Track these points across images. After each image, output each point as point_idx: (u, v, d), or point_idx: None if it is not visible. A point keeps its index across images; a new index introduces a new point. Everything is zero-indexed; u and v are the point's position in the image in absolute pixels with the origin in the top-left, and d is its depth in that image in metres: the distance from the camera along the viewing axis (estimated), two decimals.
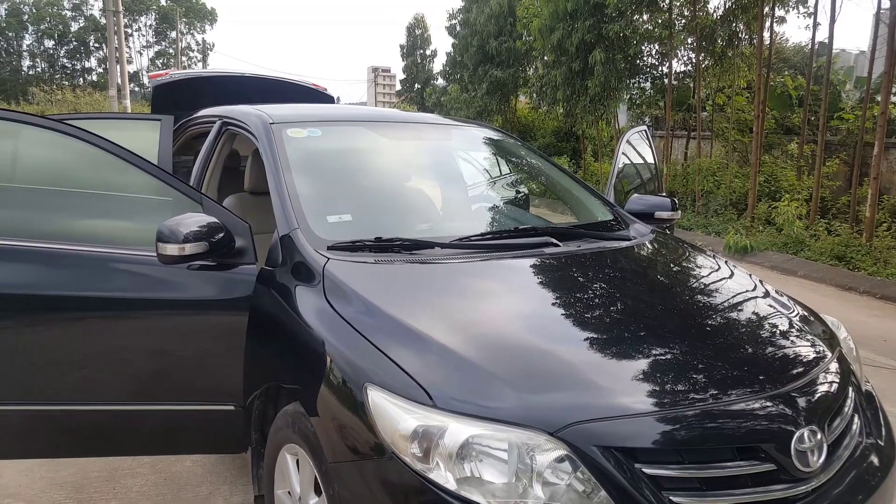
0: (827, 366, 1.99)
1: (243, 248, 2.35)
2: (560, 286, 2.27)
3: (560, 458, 1.53)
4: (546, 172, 3.47)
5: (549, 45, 14.81)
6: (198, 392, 2.38)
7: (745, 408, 1.69)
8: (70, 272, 2.31)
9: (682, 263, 2.73)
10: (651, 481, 1.54)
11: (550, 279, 2.32)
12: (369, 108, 4.74)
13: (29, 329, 2.34)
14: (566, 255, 2.46)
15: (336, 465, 1.77)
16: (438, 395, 1.61)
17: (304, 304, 2.09)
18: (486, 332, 1.88)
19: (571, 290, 2.25)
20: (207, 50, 65.94)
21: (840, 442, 1.85)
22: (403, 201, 2.86)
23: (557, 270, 2.37)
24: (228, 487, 2.83)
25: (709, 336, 2.02)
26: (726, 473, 1.60)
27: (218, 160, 3.21)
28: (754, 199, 11.01)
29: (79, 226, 2.52)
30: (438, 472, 1.55)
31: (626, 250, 2.65)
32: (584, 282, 2.33)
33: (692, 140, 14.31)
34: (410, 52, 52.89)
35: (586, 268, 2.43)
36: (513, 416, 1.57)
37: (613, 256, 2.56)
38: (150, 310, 2.36)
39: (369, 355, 1.79)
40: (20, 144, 2.62)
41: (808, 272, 8.19)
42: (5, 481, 2.84)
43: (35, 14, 58.67)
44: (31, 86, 41.18)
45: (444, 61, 28.26)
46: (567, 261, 2.43)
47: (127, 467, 2.97)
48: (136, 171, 2.40)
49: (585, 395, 1.65)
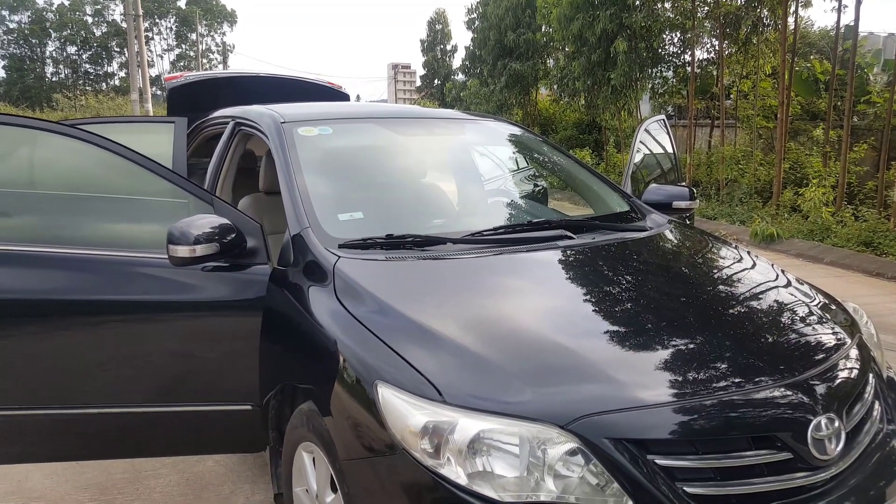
0: (846, 353, 1.94)
1: (255, 248, 2.35)
2: (572, 279, 2.24)
3: (572, 451, 1.51)
4: (562, 165, 3.43)
5: (569, 35, 14.69)
6: (216, 393, 2.39)
7: (760, 397, 1.66)
8: (91, 277, 2.33)
9: (700, 253, 2.68)
10: (664, 472, 1.52)
11: (562, 272, 2.29)
12: (381, 105, 4.72)
13: (54, 334, 2.36)
14: (580, 247, 2.43)
15: (349, 463, 1.76)
16: (448, 390, 1.60)
17: (316, 303, 2.08)
18: (497, 328, 1.87)
19: (583, 283, 2.22)
20: (228, 51, 66.61)
21: (860, 429, 1.81)
22: (415, 197, 2.84)
23: (570, 263, 2.34)
24: (250, 486, 2.85)
25: (724, 325, 1.99)
26: (741, 463, 1.57)
27: (232, 161, 3.22)
28: (779, 186, 10.82)
29: (97, 230, 2.54)
30: (450, 468, 1.54)
31: (641, 241, 2.61)
32: (597, 274, 2.30)
33: (717, 129, 14.10)
34: (431, 47, 52.92)
35: (599, 260, 2.39)
36: (523, 410, 1.55)
37: (628, 248, 2.52)
38: (168, 312, 2.37)
39: (380, 353, 1.78)
40: (37, 151, 2.65)
41: (834, 259, 8.04)
42: (31, 484, 2.89)
43: (58, 20, 59.64)
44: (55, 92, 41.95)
45: (464, 56, 28.19)
46: (580, 253, 2.40)
47: (150, 468, 3.00)
48: (150, 175, 2.41)
49: (596, 387, 1.62)
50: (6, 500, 2.77)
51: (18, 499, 2.78)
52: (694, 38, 12.92)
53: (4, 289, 2.25)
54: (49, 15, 59.77)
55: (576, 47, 14.84)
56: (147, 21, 60.17)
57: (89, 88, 51.86)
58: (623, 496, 1.50)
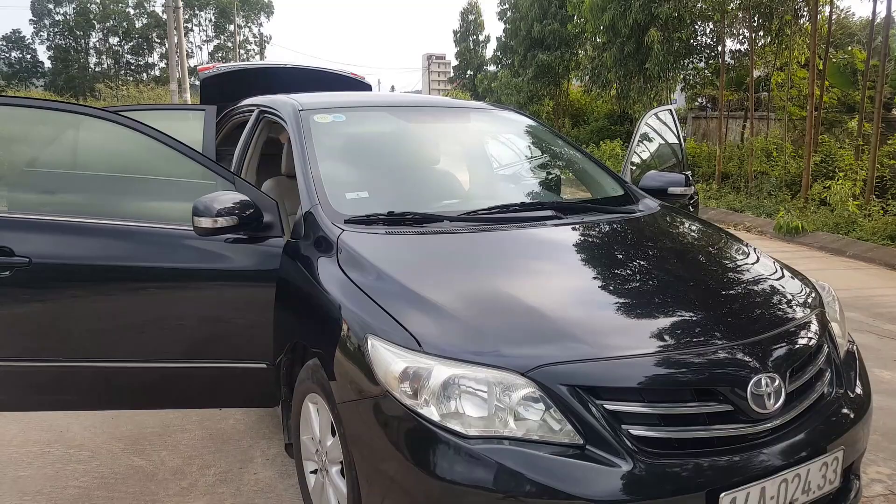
0: (799, 322, 2.12)
1: (271, 222, 2.60)
2: (551, 252, 2.46)
3: (531, 395, 1.74)
4: (564, 152, 3.62)
5: (600, 26, 14.73)
6: (235, 352, 2.65)
7: (706, 354, 1.86)
8: (129, 245, 2.60)
9: (679, 231, 2.86)
10: (612, 416, 1.73)
11: (543, 246, 2.50)
12: (393, 94, 4.97)
13: (96, 295, 2.63)
14: (565, 225, 2.64)
15: (343, 405, 2.01)
16: (426, 341, 1.84)
17: (323, 272, 2.32)
18: (475, 291, 2.10)
19: (560, 255, 2.43)
20: (265, 42, 67.48)
21: (806, 390, 1.99)
22: (418, 179, 3.07)
23: (552, 239, 2.55)
24: (266, 441, 3.12)
25: (686, 291, 2.19)
26: (684, 412, 1.78)
27: (256, 145, 3.48)
28: (808, 179, 10.77)
29: (135, 206, 2.81)
30: (427, 408, 1.77)
31: (624, 221, 2.80)
32: (575, 248, 2.51)
33: (750, 120, 14.01)
34: (464, 37, 52.91)
35: (580, 236, 2.60)
36: (490, 359, 1.78)
37: (610, 226, 2.72)
38: (195, 279, 2.63)
39: (373, 312, 2.01)
40: (81, 134, 2.95)
41: (857, 252, 8.04)
42: (72, 434, 3.20)
43: (101, 12, 61.12)
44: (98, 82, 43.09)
45: (495, 47, 28.28)
46: (564, 231, 2.61)
47: (178, 424, 3.30)
48: (182, 157, 2.67)
49: (555, 342, 1.84)
50: (50, 447, 3.09)
51: (60, 447, 3.10)
52: (723, 29, 12.85)
53: (52, 254, 2.53)
54: (93, 7, 61.29)
55: (608, 38, 14.88)
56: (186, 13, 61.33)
57: (130, 79, 53.10)
58: (575, 435, 1.72)
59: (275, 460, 2.96)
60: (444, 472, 1.72)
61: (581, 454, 1.71)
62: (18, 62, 62.54)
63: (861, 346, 4.45)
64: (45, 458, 3.00)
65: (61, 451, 3.06)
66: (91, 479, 2.84)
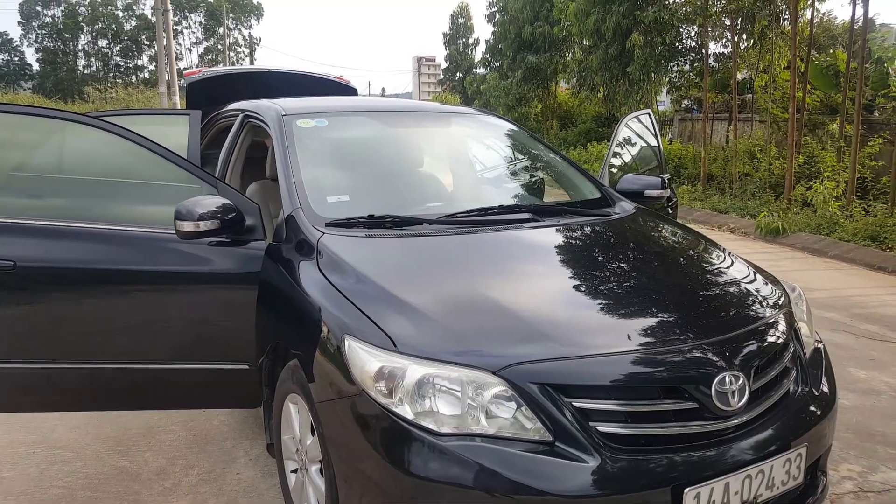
0: (765, 322, 2.19)
1: (253, 226, 2.65)
2: (525, 254, 2.52)
3: (502, 394, 1.79)
4: (544, 156, 3.69)
5: (585, 30, 14.87)
6: (218, 353, 2.69)
7: (671, 353, 1.93)
8: (113, 248, 2.63)
9: (652, 234, 2.93)
10: (580, 413, 1.79)
11: (518, 248, 2.56)
12: (376, 99, 5.02)
13: (80, 297, 2.66)
14: (541, 228, 2.70)
15: (321, 405, 2.06)
16: (401, 341, 1.89)
17: (304, 274, 2.37)
18: (451, 292, 2.16)
19: (535, 257, 2.49)
20: (254, 45, 67.38)
21: (771, 387, 2.05)
22: (399, 183, 3.12)
23: (527, 241, 2.62)
24: (250, 442, 3.16)
25: (653, 292, 2.26)
26: (650, 409, 1.84)
27: (241, 150, 3.52)
28: (791, 180, 10.89)
29: (119, 210, 2.85)
30: (401, 407, 1.82)
31: (599, 223, 2.87)
32: (549, 249, 2.57)
33: (734, 122, 14.14)
34: (453, 40, 53.05)
35: (554, 238, 2.67)
36: (462, 358, 1.83)
37: (585, 229, 2.79)
38: (179, 281, 2.67)
39: (351, 313, 2.07)
40: (67, 140, 2.98)
41: (839, 253, 8.15)
42: (57, 436, 3.23)
43: (90, 14, 60.86)
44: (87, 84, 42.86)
45: (484, 49, 28.37)
46: (540, 233, 2.67)
47: (162, 425, 3.33)
48: (164, 162, 2.71)
49: (526, 341, 1.90)
50: (35, 448, 3.12)
51: (45, 447, 3.13)
52: (705, 32, 12.99)
53: (37, 258, 2.57)
54: (81, 9, 61.03)
55: (593, 41, 15.02)
56: (176, 15, 61.18)
57: (120, 81, 52.76)
58: (545, 432, 1.77)
59: (257, 460, 3.00)
60: (418, 468, 1.78)
61: (550, 451, 1.76)
62: (6, 64, 62.24)
63: (838, 346, 4.58)
64: (29, 459, 3.03)
65: (46, 452, 3.09)
66: (75, 479, 2.87)
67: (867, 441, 3.22)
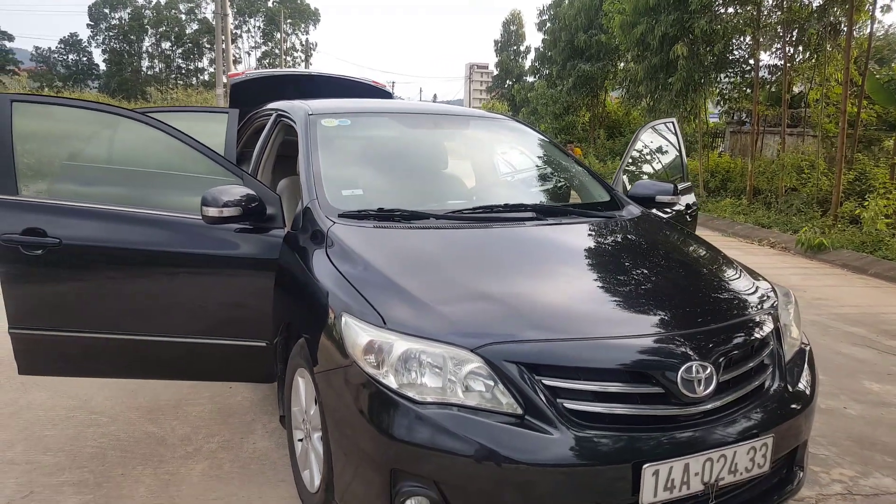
0: (744, 319, 2.30)
1: (274, 214, 2.87)
2: (520, 247, 2.67)
3: (478, 369, 1.96)
4: (559, 161, 3.83)
5: (631, 41, 14.86)
6: (239, 331, 2.92)
7: (641, 341, 2.06)
8: (147, 230, 2.88)
9: (651, 234, 3.04)
10: (550, 390, 1.94)
11: (515, 242, 2.72)
12: (401, 102, 5.22)
13: (120, 275, 2.92)
14: (542, 225, 2.86)
15: (319, 375, 2.26)
16: (390, 319, 2.08)
17: (315, 261, 2.58)
18: (443, 279, 2.33)
19: (529, 250, 2.65)
20: (311, 49, 68.81)
21: (742, 381, 2.16)
22: (413, 180, 3.32)
23: (525, 236, 2.77)
24: (268, 417, 3.39)
25: (638, 286, 2.40)
26: (616, 390, 1.97)
27: (273, 147, 3.76)
28: (838, 196, 10.69)
29: (157, 198, 3.11)
30: (387, 378, 2.00)
31: (601, 223, 3.00)
32: (545, 244, 2.73)
33: (789, 136, 13.90)
34: (505, 47, 53.22)
35: (553, 235, 2.82)
36: (444, 336, 2.01)
37: (585, 227, 2.93)
38: (207, 264, 2.90)
39: (351, 295, 2.26)
40: (116, 133, 3.27)
41: (879, 271, 8.01)
42: (95, 403, 3.53)
43: (154, 17, 63.18)
44: (149, 85, 44.56)
45: (533, 57, 28.43)
46: (540, 230, 2.83)
47: (191, 398, 3.59)
48: (198, 155, 2.95)
49: (505, 324, 2.07)
50: (74, 412, 3.42)
51: (84, 412, 3.42)
52: (756, 43, 12.84)
53: (80, 237, 2.84)
54: (147, 12, 63.39)
55: (638, 51, 14.98)
56: (237, 20, 63.00)
57: (181, 83, 54.74)
58: (516, 406, 1.93)
59: (273, 433, 3.23)
60: (400, 433, 1.95)
61: (520, 423, 1.92)
62: (75, 64, 65.06)
63: (858, 360, 4.59)
64: (68, 421, 3.32)
65: (84, 416, 3.38)
66: (108, 440, 3.15)
67: (867, 449, 3.26)
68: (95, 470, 2.89)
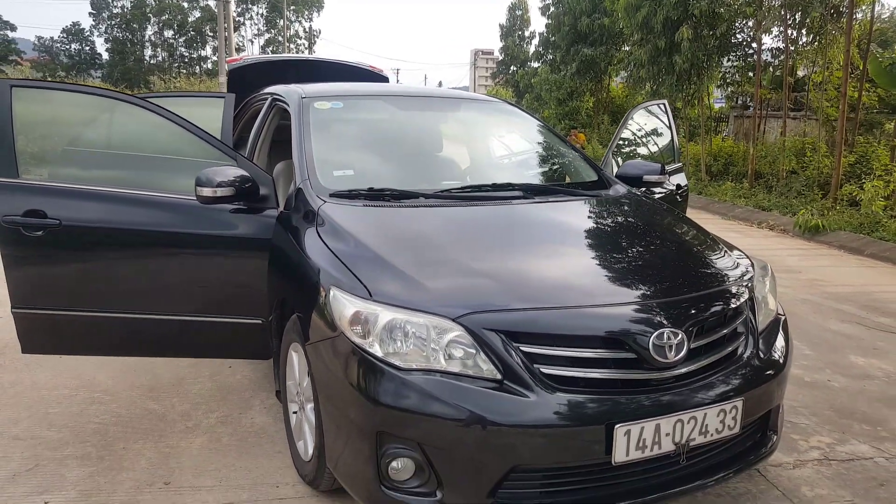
0: (717, 289, 2.39)
1: (267, 195, 2.96)
2: (504, 224, 2.76)
3: (460, 337, 2.05)
4: (550, 142, 3.90)
5: (635, 24, 14.82)
6: (235, 308, 3.02)
7: (614, 310, 2.16)
8: (143, 211, 2.96)
9: (634, 211, 3.12)
10: (527, 356, 2.03)
11: (499, 219, 2.80)
12: (395, 85, 5.28)
13: (119, 255, 3.00)
14: (527, 203, 2.94)
15: (309, 347, 2.36)
16: (375, 291, 2.17)
17: (307, 239, 2.66)
18: (428, 254, 2.43)
19: (511, 226, 2.73)
20: (314, 37, 68.59)
21: (713, 347, 2.25)
22: (403, 161, 3.39)
23: (510, 214, 2.85)
24: (266, 394, 3.49)
25: (616, 258, 2.49)
26: (590, 356, 2.07)
27: (268, 130, 3.84)
28: (838, 179, 10.70)
29: (154, 180, 3.19)
30: (373, 347, 2.09)
31: (585, 200, 3.08)
32: (529, 220, 2.81)
33: (790, 119, 13.86)
34: (509, 32, 52.92)
35: (538, 212, 2.90)
36: (427, 306, 2.10)
37: (568, 205, 3.02)
38: (202, 243, 2.99)
39: (340, 269, 2.35)
40: (114, 118, 3.35)
41: (875, 251, 8.05)
42: (97, 382, 3.63)
43: (157, 6, 63.05)
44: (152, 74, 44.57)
45: (537, 42, 28.31)
46: (525, 207, 2.91)
47: (191, 377, 3.70)
48: (194, 138, 3.03)
49: (485, 295, 2.17)
50: (78, 391, 3.53)
51: (86, 391, 3.53)
52: (758, 26, 12.81)
53: (80, 218, 2.92)
54: (149, 1, 63.22)
55: (642, 35, 14.95)
56: (239, 7, 62.83)
57: (184, 71, 54.72)
58: (495, 371, 2.02)
59: (270, 409, 3.33)
60: (386, 399, 2.04)
61: (499, 387, 2.01)
62: (77, 54, 65.04)
63: (845, 335, 4.68)
64: (72, 399, 3.43)
65: (87, 394, 3.49)
66: (110, 417, 3.25)
67: (846, 418, 3.34)
68: (98, 444, 3.00)
